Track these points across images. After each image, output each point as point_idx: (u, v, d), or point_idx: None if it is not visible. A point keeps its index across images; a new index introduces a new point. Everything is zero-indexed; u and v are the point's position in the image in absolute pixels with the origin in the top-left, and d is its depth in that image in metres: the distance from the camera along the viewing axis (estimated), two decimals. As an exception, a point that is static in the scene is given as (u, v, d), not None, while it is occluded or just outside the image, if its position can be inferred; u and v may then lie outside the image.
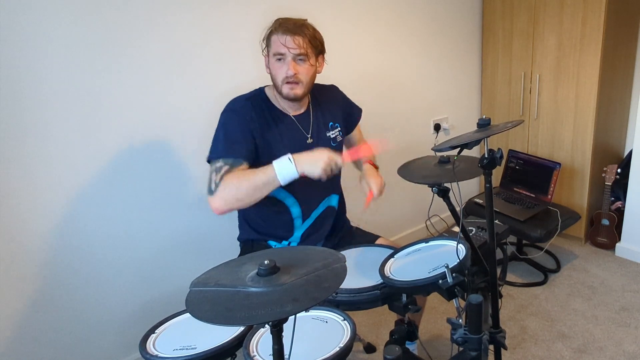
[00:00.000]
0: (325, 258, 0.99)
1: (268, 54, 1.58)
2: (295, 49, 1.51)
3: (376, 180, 1.65)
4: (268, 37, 1.56)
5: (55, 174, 1.75)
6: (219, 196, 1.44)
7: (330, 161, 1.43)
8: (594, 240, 2.96)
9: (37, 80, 1.65)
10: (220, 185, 1.45)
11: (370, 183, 1.64)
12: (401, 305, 1.38)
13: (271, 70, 1.58)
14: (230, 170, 1.47)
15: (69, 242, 1.82)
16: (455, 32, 3.02)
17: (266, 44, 1.58)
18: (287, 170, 1.43)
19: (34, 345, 1.82)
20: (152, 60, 1.88)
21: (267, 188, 1.46)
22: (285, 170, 1.43)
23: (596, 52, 2.63)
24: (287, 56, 1.52)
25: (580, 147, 2.84)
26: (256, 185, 1.44)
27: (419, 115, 2.96)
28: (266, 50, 1.59)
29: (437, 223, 2.95)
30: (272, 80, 1.60)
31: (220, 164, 1.48)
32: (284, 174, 1.43)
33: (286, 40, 1.51)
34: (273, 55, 1.55)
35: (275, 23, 1.56)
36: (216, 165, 1.48)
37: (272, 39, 1.54)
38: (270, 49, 1.55)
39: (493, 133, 1.30)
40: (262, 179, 1.44)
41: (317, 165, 1.42)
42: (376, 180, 1.65)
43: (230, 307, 0.85)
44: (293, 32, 1.51)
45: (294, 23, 1.53)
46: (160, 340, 1.24)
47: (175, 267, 2.11)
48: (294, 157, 1.44)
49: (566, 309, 2.39)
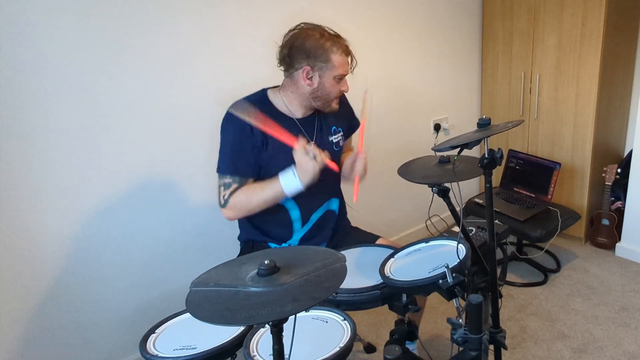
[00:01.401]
0: (325, 258, 0.99)
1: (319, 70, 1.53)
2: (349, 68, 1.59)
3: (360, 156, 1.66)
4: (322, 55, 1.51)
5: (56, 175, 1.75)
6: (231, 209, 1.56)
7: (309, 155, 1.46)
8: (594, 240, 2.96)
9: (38, 81, 1.65)
10: (230, 201, 1.55)
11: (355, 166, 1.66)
12: (401, 305, 1.38)
13: (326, 86, 1.56)
14: (238, 187, 1.56)
15: (69, 242, 1.82)
16: (455, 32, 3.02)
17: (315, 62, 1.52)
18: (293, 184, 1.51)
19: (34, 345, 1.82)
20: (154, 60, 1.88)
21: (276, 201, 1.57)
22: (291, 184, 1.51)
23: (596, 52, 2.63)
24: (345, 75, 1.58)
25: (580, 147, 2.84)
26: (265, 200, 1.55)
27: (419, 115, 2.96)
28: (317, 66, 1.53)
29: (437, 223, 2.95)
30: (319, 95, 1.58)
31: (229, 181, 1.56)
32: (290, 187, 1.52)
33: (347, 63, 1.57)
34: (334, 77, 1.55)
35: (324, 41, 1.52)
36: (225, 181, 1.57)
37: (333, 59, 1.53)
38: (332, 69, 1.54)
39: (493, 133, 1.30)
40: (271, 193, 1.53)
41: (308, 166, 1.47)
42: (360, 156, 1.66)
43: (230, 307, 0.85)
44: (348, 53, 1.57)
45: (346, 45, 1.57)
46: (160, 340, 1.24)
47: (175, 267, 2.11)
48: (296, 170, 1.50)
49: (566, 309, 2.39)
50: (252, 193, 1.55)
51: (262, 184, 1.56)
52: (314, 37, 1.51)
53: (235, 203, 1.55)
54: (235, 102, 1.62)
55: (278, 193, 1.53)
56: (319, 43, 1.51)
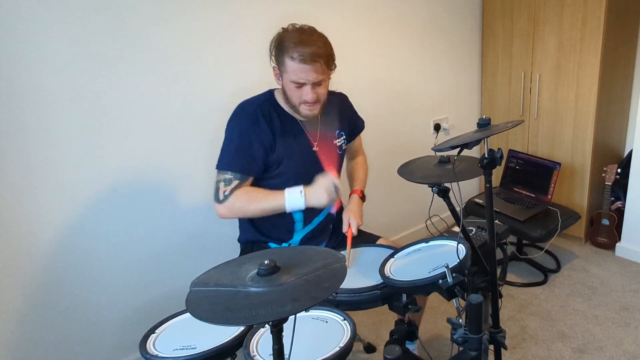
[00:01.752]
0: (325, 258, 0.99)
1: (280, 71, 1.51)
2: (315, 78, 1.46)
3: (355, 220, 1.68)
4: (280, 57, 1.47)
5: (56, 176, 1.75)
6: (227, 208, 1.54)
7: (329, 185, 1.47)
8: (594, 240, 2.96)
9: (38, 82, 1.65)
10: (230, 199, 1.53)
11: (351, 221, 1.67)
12: (401, 305, 1.38)
13: (286, 90, 1.53)
14: (240, 185, 1.54)
15: (70, 243, 1.82)
16: (455, 32, 3.02)
17: (277, 62, 1.50)
18: (296, 203, 1.51)
19: (35, 345, 1.82)
20: (155, 60, 1.88)
21: (273, 212, 1.56)
22: (295, 203, 1.51)
23: (596, 52, 2.63)
24: (306, 84, 1.48)
25: (580, 147, 2.84)
26: (264, 209, 1.54)
27: (419, 115, 2.96)
28: (277, 68, 1.52)
29: (437, 223, 2.95)
30: (286, 96, 1.56)
31: (230, 177, 1.53)
32: (293, 206, 1.52)
33: (306, 71, 1.44)
34: (290, 81, 1.48)
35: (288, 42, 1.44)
36: (225, 177, 1.54)
37: (287, 64, 1.45)
38: (286, 73, 1.48)
39: (493, 133, 1.30)
40: (271, 205, 1.53)
41: (322, 198, 1.48)
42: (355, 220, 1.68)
43: (230, 307, 0.85)
44: (311, 61, 1.43)
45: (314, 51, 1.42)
46: (160, 340, 1.24)
47: (175, 267, 2.11)
48: (306, 191, 1.50)
49: (566, 309, 2.39)
50: (253, 199, 1.53)
51: (265, 194, 1.54)
52: (282, 37, 1.48)
53: (234, 202, 1.53)
54: (244, 100, 1.62)
55: (278, 207, 1.52)
56: (282, 44, 1.46)
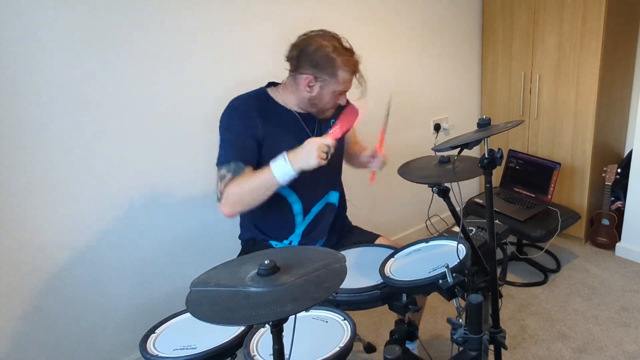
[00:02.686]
0: (325, 258, 0.99)
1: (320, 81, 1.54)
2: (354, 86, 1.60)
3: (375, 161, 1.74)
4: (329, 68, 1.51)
5: (55, 175, 1.75)
6: (225, 204, 1.51)
7: (320, 146, 1.43)
8: (594, 240, 2.96)
9: (36, 80, 1.65)
10: (225, 194, 1.50)
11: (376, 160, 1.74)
12: (401, 305, 1.38)
13: (324, 97, 1.58)
14: (233, 178, 1.51)
15: (70, 243, 1.83)
16: (455, 32, 3.02)
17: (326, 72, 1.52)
18: (283, 169, 1.45)
19: (35, 345, 1.82)
20: (153, 58, 1.88)
21: (269, 189, 1.49)
22: (281, 170, 1.45)
23: (596, 52, 2.63)
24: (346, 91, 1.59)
25: (580, 147, 2.84)
26: (257, 188, 1.48)
27: (419, 115, 2.96)
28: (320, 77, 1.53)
29: (437, 223, 2.95)
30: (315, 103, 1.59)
31: (224, 172, 1.52)
32: (281, 174, 1.45)
33: (351, 80, 1.58)
34: (334, 91, 1.56)
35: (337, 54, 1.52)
36: (221, 173, 1.53)
37: (340, 75, 1.53)
38: (336, 83, 1.54)
39: (493, 133, 1.30)
40: (261, 181, 1.48)
41: (310, 157, 1.43)
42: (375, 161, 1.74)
43: (230, 307, 0.85)
44: (357, 71, 1.57)
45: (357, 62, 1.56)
46: (160, 340, 1.24)
47: (175, 267, 2.11)
48: (289, 156, 1.45)
49: (566, 309, 2.39)
50: (244, 184, 1.49)
51: (252, 175, 1.51)
52: (326, 49, 1.50)
53: (227, 196, 1.49)
54: (235, 98, 1.63)
55: (269, 181, 1.46)
56: (330, 56, 1.50)
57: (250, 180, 1.49)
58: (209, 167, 1.60)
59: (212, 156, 1.60)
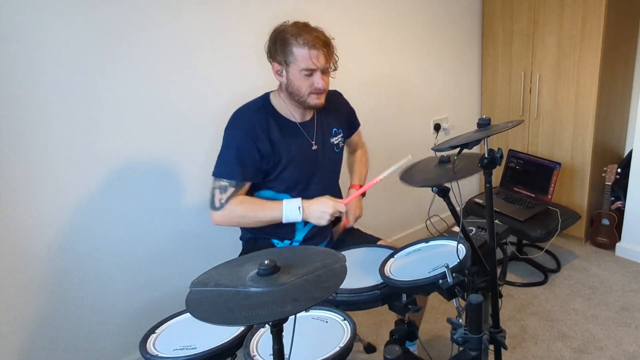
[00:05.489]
0: (325, 258, 0.99)
1: (286, 64, 1.52)
2: (324, 63, 1.52)
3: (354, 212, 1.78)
4: (286, 48, 1.49)
5: (55, 175, 1.75)
6: (223, 216, 1.56)
7: (334, 212, 1.56)
8: (594, 240, 2.96)
9: (37, 82, 1.65)
10: (226, 207, 1.55)
11: (349, 213, 1.75)
12: (401, 305, 1.38)
13: (293, 81, 1.54)
14: (235, 192, 1.56)
15: (70, 243, 1.82)
16: (455, 32, 3.02)
17: (283, 54, 1.51)
18: (293, 217, 1.56)
19: (35, 345, 1.82)
20: (155, 61, 1.88)
21: (271, 222, 1.60)
22: (292, 217, 1.56)
23: (596, 52, 2.63)
24: (317, 70, 1.52)
25: (580, 147, 2.84)
26: (261, 220, 1.58)
27: (419, 115, 2.96)
28: (283, 60, 1.52)
29: (437, 223, 2.95)
30: (291, 90, 1.56)
31: (226, 184, 1.55)
32: (290, 218, 1.57)
33: (317, 56, 1.49)
34: (300, 70, 1.51)
35: (291, 33, 1.49)
36: (221, 184, 1.56)
37: (296, 52, 1.49)
38: (295, 62, 1.50)
39: (493, 133, 1.30)
40: (268, 216, 1.57)
41: (322, 218, 1.56)
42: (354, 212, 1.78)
43: (230, 307, 0.85)
44: (320, 46, 1.50)
45: (317, 36, 1.50)
46: (160, 340, 1.24)
47: (175, 267, 2.11)
48: (304, 205, 1.56)
49: (566, 308, 2.39)
50: (249, 209, 1.57)
51: (262, 205, 1.58)
52: (282, 32, 1.51)
53: (231, 211, 1.55)
54: (240, 107, 1.63)
55: (276, 218, 1.57)
56: (284, 37, 1.50)
57: (257, 209, 1.57)
58: (210, 168, 1.60)
59: (214, 157, 1.61)
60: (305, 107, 1.61)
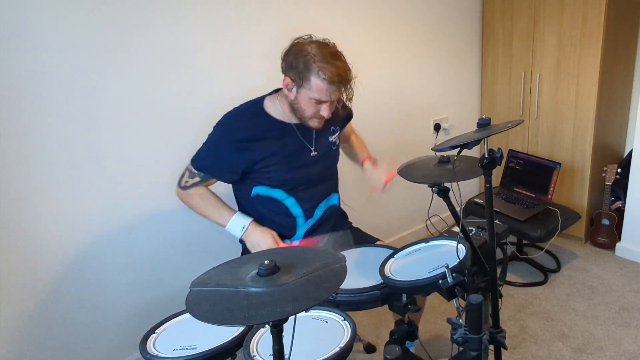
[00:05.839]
0: (325, 258, 0.99)
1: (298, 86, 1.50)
2: (336, 97, 1.53)
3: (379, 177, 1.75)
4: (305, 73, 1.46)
5: (55, 175, 1.75)
6: (182, 195, 1.67)
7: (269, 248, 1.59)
8: (594, 240, 2.96)
9: (37, 82, 1.65)
10: (188, 191, 1.65)
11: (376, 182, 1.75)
12: (401, 305, 1.38)
13: (300, 102, 1.53)
14: (201, 182, 1.64)
15: (70, 243, 1.82)
16: (455, 32, 3.02)
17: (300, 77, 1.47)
18: (234, 232, 1.64)
19: (35, 345, 1.82)
20: (156, 61, 1.87)
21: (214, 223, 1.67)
22: (233, 231, 1.64)
23: (596, 52, 2.63)
24: (327, 102, 1.52)
25: (580, 147, 2.84)
26: (207, 217, 1.67)
27: (419, 115, 2.96)
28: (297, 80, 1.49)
29: (437, 223, 2.95)
30: (295, 107, 1.55)
31: (195, 172, 1.63)
32: (230, 231, 1.64)
33: (330, 91, 1.48)
34: (310, 98, 1.50)
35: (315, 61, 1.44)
36: (192, 170, 1.63)
37: (313, 82, 1.46)
38: (309, 90, 1.48)
39: (493, 133, 1.30)
40: (215, 219, 1.65)
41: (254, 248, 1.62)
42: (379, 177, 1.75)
43: (230, 307, 0.85)
44: (339, 83, 1.48)
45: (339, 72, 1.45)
46: (160, 340, 1.24)
47: (175, 267, 2.11)
48: (249, 228, 1.63)
49: (566, 308, 2.39)
50: (202, 206, 1.64)
51: (217, 206, 1.65)
52: (306, 54, 1.46)
53: (189, 196, 1.64)
54: (233, 110, 1.64)
55: (221, 225, 1.65)
56: (307, 61, 1.46)
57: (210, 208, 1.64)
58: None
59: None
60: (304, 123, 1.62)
